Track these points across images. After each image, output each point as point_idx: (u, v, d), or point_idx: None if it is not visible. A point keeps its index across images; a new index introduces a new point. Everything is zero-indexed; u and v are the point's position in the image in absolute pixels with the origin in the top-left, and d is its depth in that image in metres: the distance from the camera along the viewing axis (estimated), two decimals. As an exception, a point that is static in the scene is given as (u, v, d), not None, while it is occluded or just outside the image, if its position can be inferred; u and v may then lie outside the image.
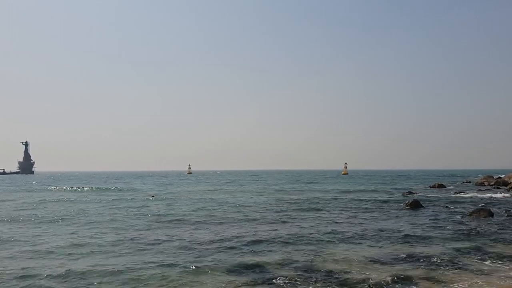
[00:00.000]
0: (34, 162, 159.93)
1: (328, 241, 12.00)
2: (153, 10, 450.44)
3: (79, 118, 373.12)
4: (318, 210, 21.09)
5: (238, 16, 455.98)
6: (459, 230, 14.07)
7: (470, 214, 18.12)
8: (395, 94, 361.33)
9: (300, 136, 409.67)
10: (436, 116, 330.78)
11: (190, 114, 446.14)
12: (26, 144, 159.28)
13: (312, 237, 12.65)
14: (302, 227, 15.02)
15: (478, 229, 14.18)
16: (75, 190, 41.00)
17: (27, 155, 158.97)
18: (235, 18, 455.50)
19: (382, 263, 9.45)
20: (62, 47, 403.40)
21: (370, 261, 9.64)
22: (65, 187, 44.76)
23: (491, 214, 17.71)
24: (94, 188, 42.82)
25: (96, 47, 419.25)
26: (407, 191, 35.50)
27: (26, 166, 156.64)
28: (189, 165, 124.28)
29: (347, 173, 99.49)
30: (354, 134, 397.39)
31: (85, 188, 42.47)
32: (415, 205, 21.86)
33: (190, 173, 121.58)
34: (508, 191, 33.91)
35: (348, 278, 8.21)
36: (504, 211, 19.44)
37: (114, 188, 43.29)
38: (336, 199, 28.25)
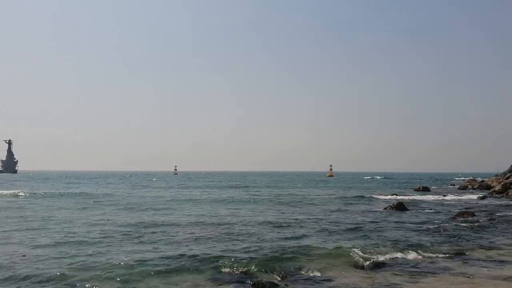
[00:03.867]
0: (17, 161, 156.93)
1: (307, 243, 11.75)
2: (150, 10, 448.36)
3: (72, 117, 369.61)
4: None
5: (237, 15, 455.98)
6: (443, 233, 14.01)
7: (454, 217, 18.16)
8: (391, 95, 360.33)
9: (293, 137, 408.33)
10: (425, 119, 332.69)
11: (184, 114, 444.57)
12: (10, 143, 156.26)
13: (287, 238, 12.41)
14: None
15: (461, 232, 14.14)
16: (18, 194, 31.15)
17: (10, 153, 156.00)
18: (233, 18, 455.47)
19: (364, 268, 9.26)
20: (56, 47, 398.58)
21: (352, 266, 9.44)
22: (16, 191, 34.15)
23: (474, 217, 17.78)
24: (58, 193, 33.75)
25: (92, 48, 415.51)
26: (392, 193, 35.63)
27: (9, 165, 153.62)
28: (175, 166, 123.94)
29: (332, 175, 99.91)
30: (347, 136, 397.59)
31: (40, 192, 33.68)
32: (399, 208, 21.80)
33: (176, 173, 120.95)
34: (491, 194, 34.25)
35: (328, 283, 7.98)
36: (486, 214, 19.54)
37: (71, 193, 33.16)
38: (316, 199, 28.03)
